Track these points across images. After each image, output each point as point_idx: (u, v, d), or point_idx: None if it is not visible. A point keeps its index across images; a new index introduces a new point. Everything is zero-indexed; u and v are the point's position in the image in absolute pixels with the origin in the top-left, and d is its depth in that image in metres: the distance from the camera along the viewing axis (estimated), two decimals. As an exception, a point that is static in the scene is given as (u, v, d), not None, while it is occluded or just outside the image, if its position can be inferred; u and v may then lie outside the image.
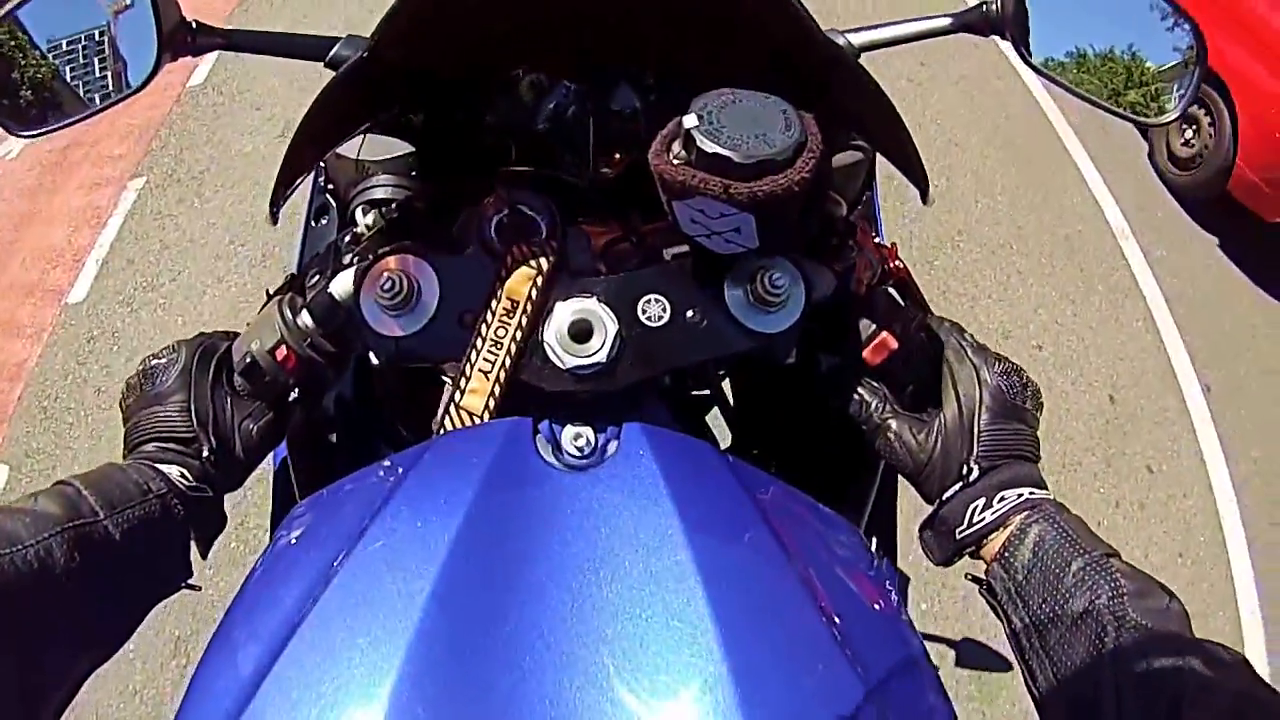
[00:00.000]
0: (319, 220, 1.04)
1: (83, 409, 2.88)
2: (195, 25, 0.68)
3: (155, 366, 0.64)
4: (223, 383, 0.65)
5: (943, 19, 0.72)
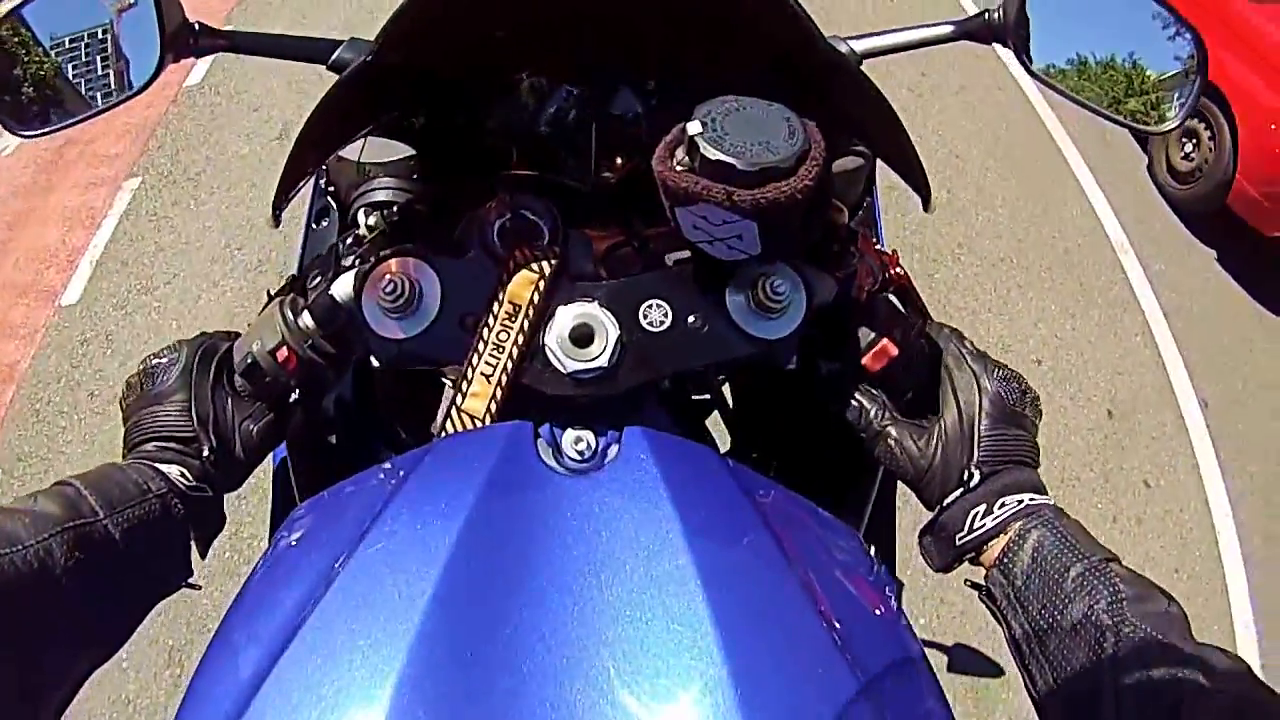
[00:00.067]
0: (320, 222, 1.04)
1: (75, 413, 2.84)
2: (198, 27, 0.68)
3: (156, 366, 0.65)
4: (223, 383, 0.65)
5: (944, 26, 0.72)
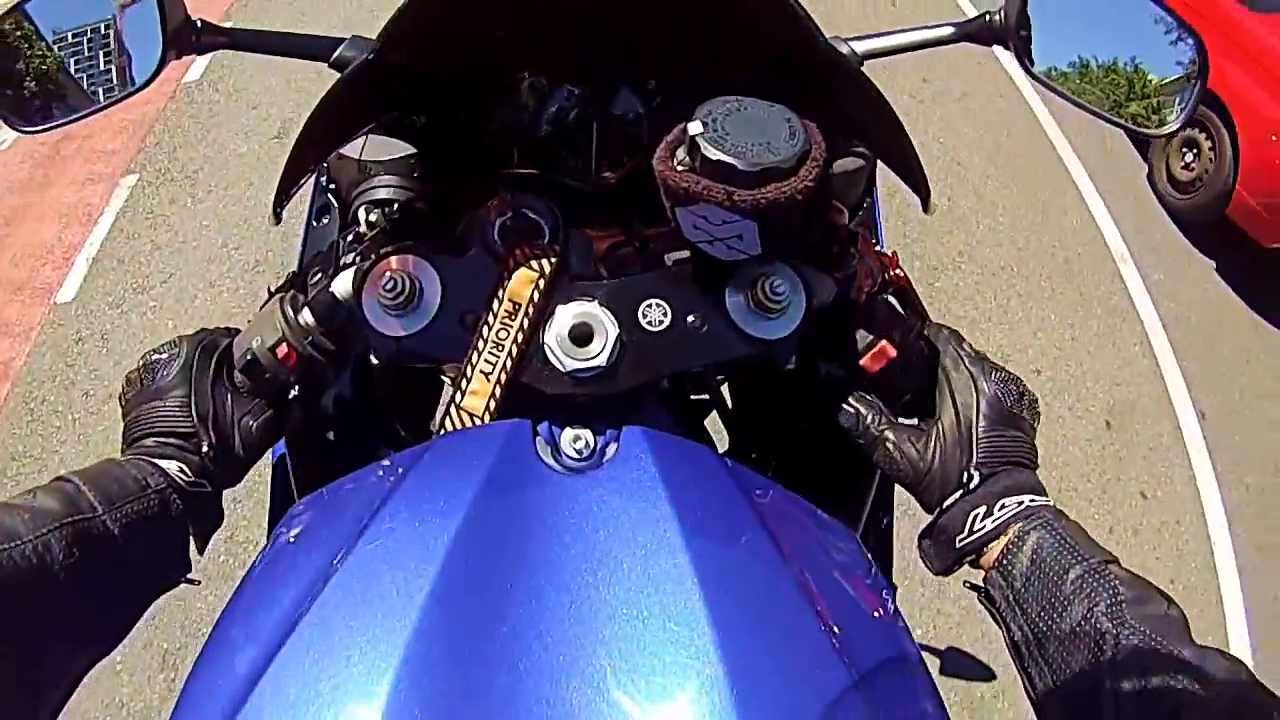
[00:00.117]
0: (320, 220, 1.04)
1: (70, 412, 2.81)
2: (199, 24, 0.68)
3: (156, 361, 0.65)
4: (223, 379, 0.65)
5: (945, 28, 0.72)
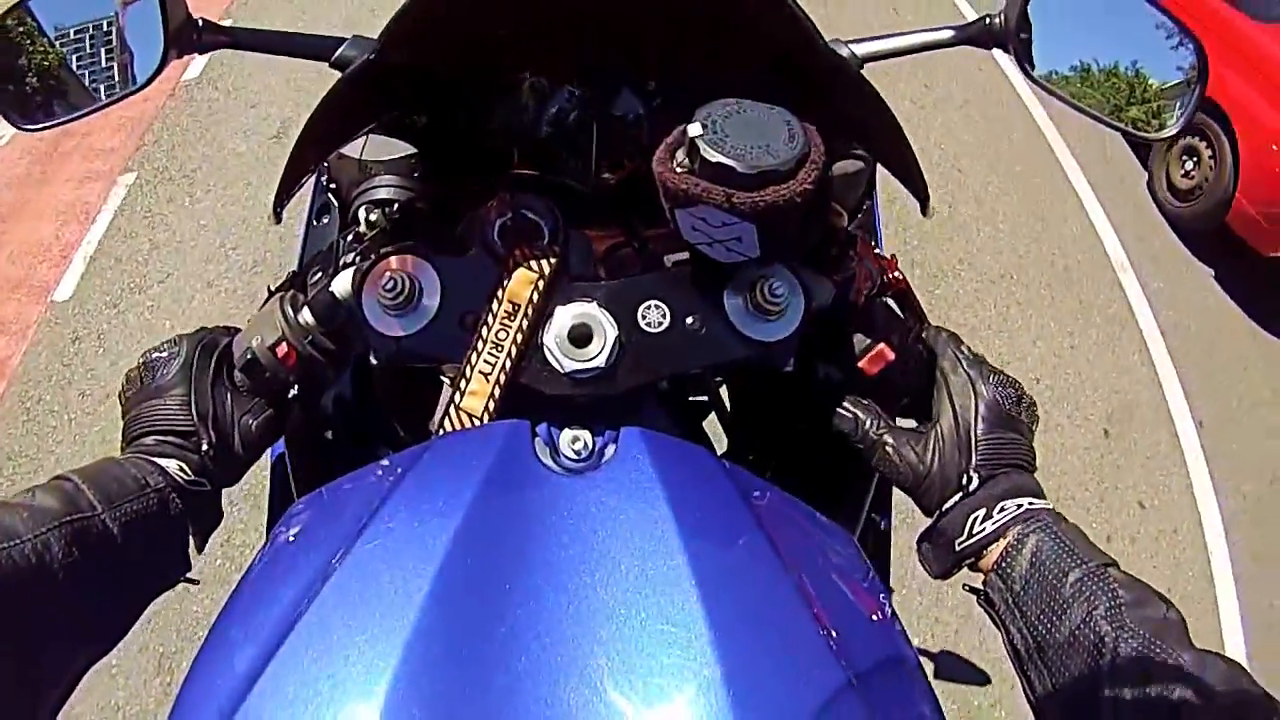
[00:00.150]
0: (320, 219, 1.04)
1: (66, 412, 2.79)
2: (201, 23, 0.69)
3: (156, 360, 0.65)
4: (223, 378, 0.65)
5: (946, 31, 0.72)
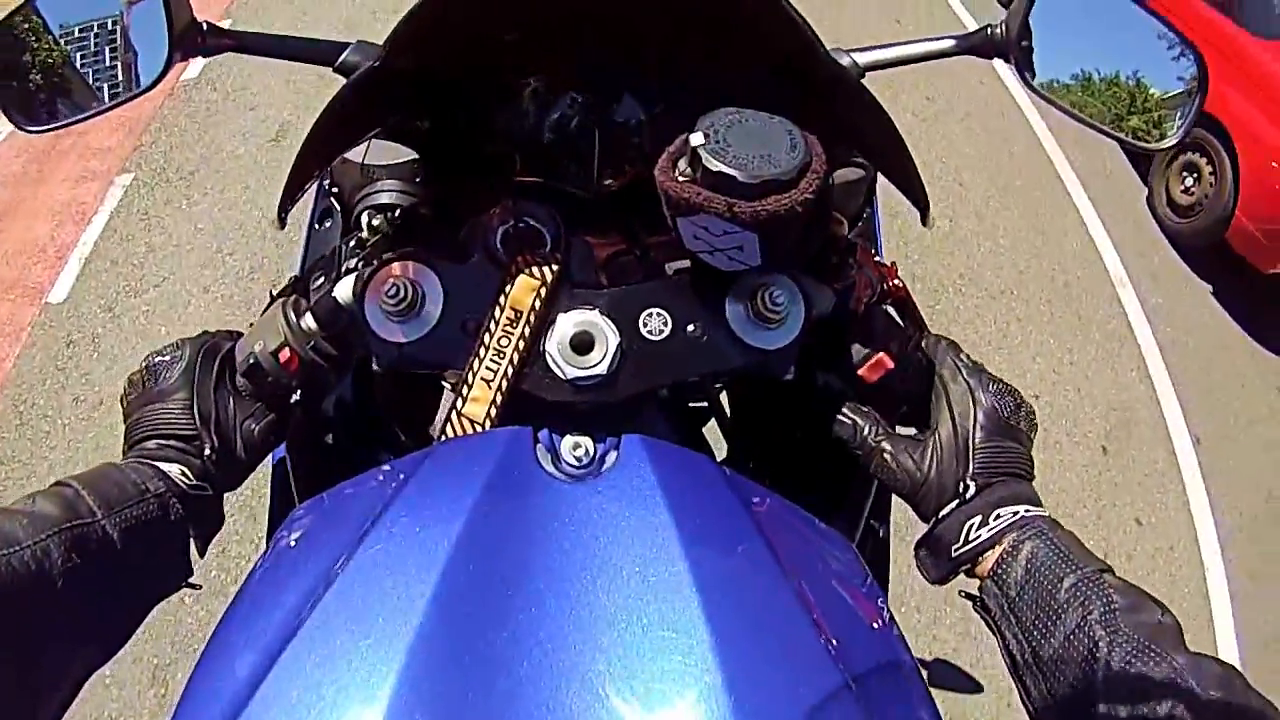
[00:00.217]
0: (323, 224, 1.04)
1: (60, 417, 2.74)
2: (206, 26, 0.69)
3: (159, 363, 0.65)
4: (225, 382, 0.65)
5: (947, 40, 0.72)
